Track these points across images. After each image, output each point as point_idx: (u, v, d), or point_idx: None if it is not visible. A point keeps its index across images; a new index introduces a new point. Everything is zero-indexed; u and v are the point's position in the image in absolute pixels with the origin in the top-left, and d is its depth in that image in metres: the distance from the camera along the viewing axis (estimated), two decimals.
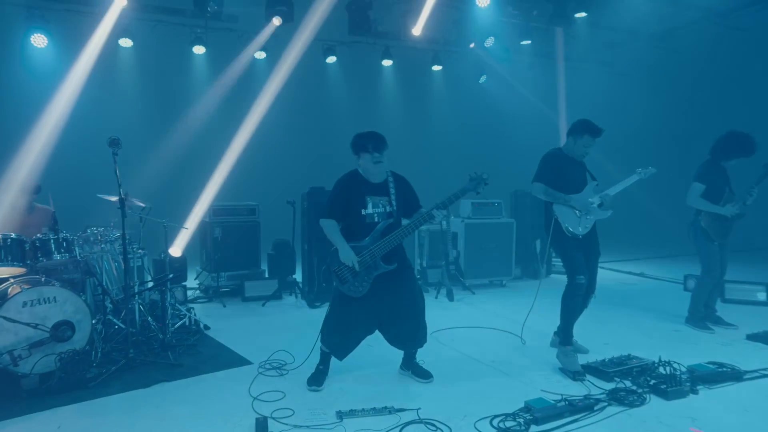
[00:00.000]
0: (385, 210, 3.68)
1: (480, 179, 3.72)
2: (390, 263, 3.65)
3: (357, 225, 3.65)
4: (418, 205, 3.83)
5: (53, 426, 3.17)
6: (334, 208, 3.68)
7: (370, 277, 3.63)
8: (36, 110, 7.74)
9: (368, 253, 3.59)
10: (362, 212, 3.64)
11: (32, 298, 3.82)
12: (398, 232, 3.62)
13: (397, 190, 3.76)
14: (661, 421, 3.21)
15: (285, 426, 3.12)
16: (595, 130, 4.26)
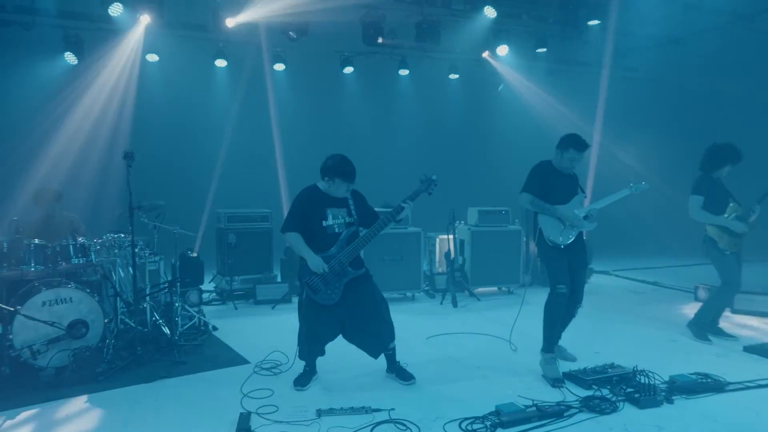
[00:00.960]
0: (344, 221, 3.92)
1: (430, 181, 3.93)
2: (358, 269, 3.87)
3: (319, 236, 3.87)
4: (375, 215, 4.05)
5: (63, 414, 3.49)
6: (293, 221, 3.89)
7: (341, 284, 3.85)
8: (67, 123, 8.29)
9: (336, 261, 3.81)
10: (323, 223, 3.87)
11: (50, 299, 4.20)
12: (363, 237, 3.85)
13: (355, 202, 4.01)
14: (626, 428, 3.30)
15: (266, 421, 3.36)
16: (581, 145, 4.36)
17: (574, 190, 4.53)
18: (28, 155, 8.16)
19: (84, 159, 8.14)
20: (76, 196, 6.02)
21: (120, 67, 8.57)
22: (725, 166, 5.12)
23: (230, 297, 6.93)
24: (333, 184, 3.91)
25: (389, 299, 6.73)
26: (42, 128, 8.52)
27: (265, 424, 3.32)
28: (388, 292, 6.98)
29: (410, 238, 7.09)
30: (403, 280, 7.09)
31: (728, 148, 5.09)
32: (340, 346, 4.14)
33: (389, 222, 3.88)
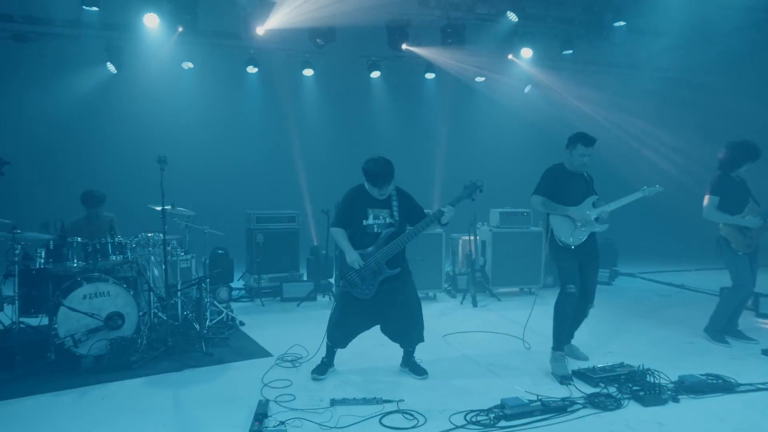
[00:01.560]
0: (385, 221, 4.09)
1: (474, 186, 4.05)
2: (393, 268, 4.05)
3: (359, 234, 4.08)
4: (422, 214, 4.19)
5: (104, 403, 3.81)
6: (340, 218, 4.16)
7: (376, 281, 4.05)
8: (108, 128, 8.79)
9: (373, 259, 4.01)
10: (363, 222, 4.07)
11: (90, 292, 4.56)
12: (401, 238, 4.02)
13: (400, 203, 4.16)
14: (627, 424, 3.39)
15: (283, 408, 3.59)
16: (587, 139, 4.45)
17: (587, 192, 4.60)
18: (73, 158, 8.70)
19: (123, 162, 8.60)
20: (116, 196, 6.42)
21: (157, 74, 9.02)
22: (744, 164, 5.09)
23: (258, 294, 7.21)
24: (367, 185, 4.12)
25: None
26: (85, 133, 9.06)
27: (282, 411, 3.56)
28: None
29: (433, 239, 7.23)
30: (425, 279, 7.22)
31: (746, 145, 5.06)
32: (357, 341, 4.35)
33: (428, 225, 4.04)
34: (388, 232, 4.04)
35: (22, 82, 8.84)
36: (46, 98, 8.64)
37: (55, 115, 8.55)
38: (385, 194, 4.11)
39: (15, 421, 3.46)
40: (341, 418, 3.44)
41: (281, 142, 9.94)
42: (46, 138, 8.56)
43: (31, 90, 8.89)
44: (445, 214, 4.00)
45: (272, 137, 10.02)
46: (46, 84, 8.75)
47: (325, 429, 3.30)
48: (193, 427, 3.40)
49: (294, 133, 10.01)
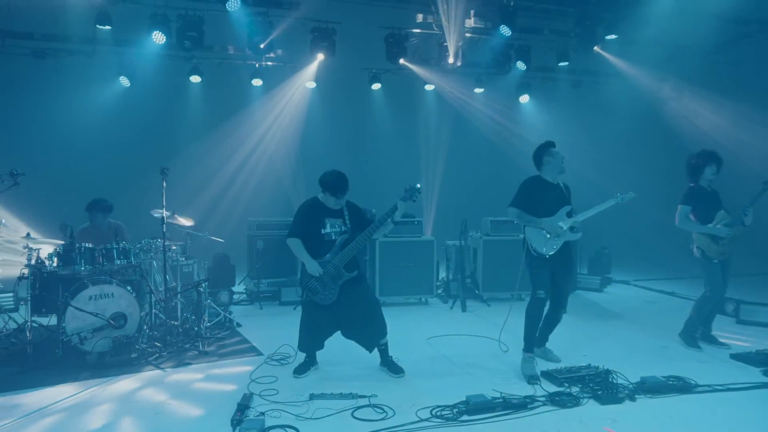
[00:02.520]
0: (340, 229, 4.43)
1: (413, 189, 4.37)
2: (351, 271, 4.37)
3: (317, 242, 4.40)
4: (370, 221, 4.52)
5: (106, 394, 4.16)
6: (296, 228, 4.46)
7: (336, 286, 4.36)
8: (118, 139, 9.25)
9: (331, 265, 4.33)
10: (321, 231, 4.40)
11: (96, 294, 4.94)
12: (356, 242, 4.35)
13: (350, 213, 4.51)
14: (581, 420, 3.65)
15: (265, 401, 3.91)
16: (551, 144, 4.76)
17: (563, 202, 4.85)
18: (87, 167, 9.15)
19: (133, 170, 9.01)
20: (126, 204, 6.84)
21: (166, 87, 9.48)
22: (705, 169, 5.33)
23: (257, 298, 7.56)
24: (325, 196, 4.45)
25: (404, 304, 7.35)
26: (98, 143, 9.52)
27: (264, 403, 3.87)
28: (403, 296, 7.51)
29: (424, 246, 7.53)
30: (417, 285, 7.52)
31: (701, 153, 5.37)
32: (342, 342, 4.65)
33: (382, 224, 4.34)
34: (342, 238, 4.36)
35: (39, 96, 9.35)
36: (62, 111, 9.11)
37: (70, 126, 9.02)
38: (341, 204, 4.43)
39: (23, 411, 3.82)
40: (317, 410, 3.75)
41: (283, 151, 10.34)
42: (61, 148, 9.02)
43: (49, 103, 9.40)
44: (397, 212, 4.29)
45: (275, 147, 10.43)
46: (63, 97, 9.23)
47: (300, 419, 3.61)
48: (182, 416, 3.73)
49: (296, 143, 10.40)
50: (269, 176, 10.17)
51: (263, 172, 10.22)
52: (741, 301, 6.60)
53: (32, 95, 9.18)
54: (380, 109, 11.35)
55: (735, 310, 6.59)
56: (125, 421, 3.64)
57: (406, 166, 11.02)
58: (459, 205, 9.25)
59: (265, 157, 10.43)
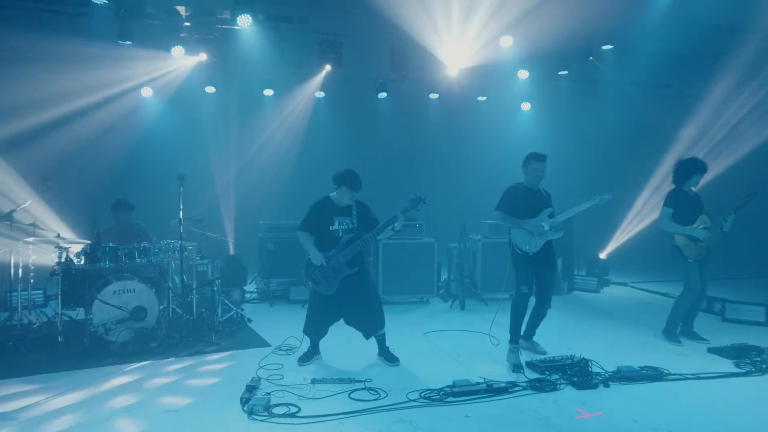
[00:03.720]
0: (348, 227, 4.83)
1: (419, 199, 4.75)
2: (352, 267, 4.77)
3: (326, 238, 4.82)
4: (376, 222, 4.89)
5: (128, 377, 4.62)
6: (307, 223, 4.88)
7: (337, 279, 4.78)
8: (140, 145, 9.79)
9: (335, 260, 4.75)
10: (330, 228, 4.81)
11: (119, 289, 5.41)
12: (358, 242, 4.75)
13: (359, 212, 4.90)
14: (555, 402, 4.02)
15: (271, 384, 4.34)
16: (539, 156, 5.13)
17: (544, 205, 5.24)
18: (113, 173, 9.68)
19: (155, 176, 9.51)
20: (147, 207, 7.36)
21: (183, 97, 10.03)
22: (692, 177, 5.67)
23: (268, 297, 8.01)
24: (340, 191, 4.83)
25: (406, 303, 7.76)
26: (123, 150, 10.06)
27: (270, 386, 4.30)
28: (405, 295, 7.91)
29: (425, 247, 7.93)
30: (419, 285, 7.92)
31: (691, 161, 5.70)
32: (344, 335, 5.07)
33: (382, 231, 4.74)
34: (347, 237, 4.76)
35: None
36: (89, 120, 9.65)
37: (96, 135, 9.56)
38: (352, 201, 4.83)
39: (57, 390, 4.29)
40: (317, 392, 4.18)
41: (293, 158, 10.84)
42: (90, 155, 9.57)
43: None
44: (398, 221, 4.68)
45: (285, 153, 10.93)
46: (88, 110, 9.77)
47: (302, 399, 4.03)
48: (198, 395, 4.17)
49: (305, 150, 10.89)
50: (279, 181, 10.64)
51: (274, 178, 10.69)
52: (727, 300, 6.90)
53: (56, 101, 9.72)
54: (386, 117, 11.78)
55: (721, 308, 6.89)
56: (145, 400, 4.08)
57: (410, 172, 11.42)
58: (460, 209, 9.61)
59: (275, 164, 10.91)
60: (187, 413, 3.83)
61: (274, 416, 3.71)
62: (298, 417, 3.72)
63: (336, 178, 4.84)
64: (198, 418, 3.74)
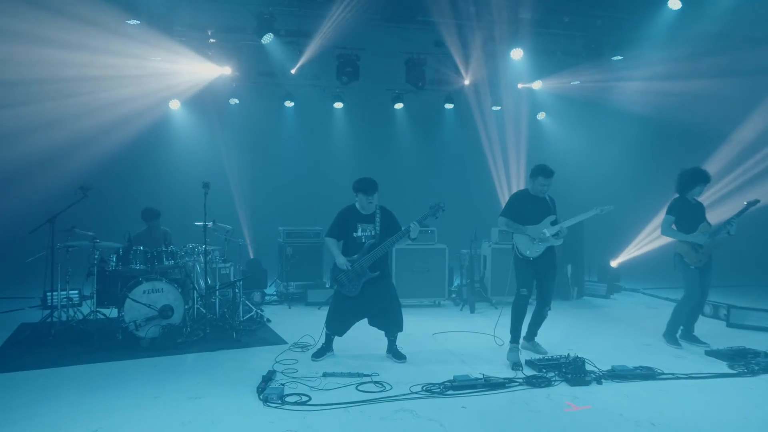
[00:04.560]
0: (371, 233, 5.19)
1: (438, 207, 5.08)
2: (374, 271, 5.13)
3: (351, 244, 5.21)
4: (398, 229, 5.24)
5: (156, 368, 5.05)
6: (333, 230, 5.30)
7: (360, 282, 5.14)
8: (168, 156, 10.35)
9: (358, 264, 5.11)
10: (353, 234, 5.19)
11: (149, 289, 5.87)
12: (379, 248, 5.10)
13: (383, 220, 5.25)
14: (549, 396, 4.30)
15: (286, 377, 4.71)
16: (547, 172, 5.40)
17: (547, 212, 5.52)
18: (143, 182, 10.25)
19: (180, 184, 10.05)
20: (173, 213, 7.86)
21: (209, 109, 10.59)
22: (695, 187, 5.86)
23: (286, 299, 8.40)
24: (357, 197, 5.22)
25: (419, 305, 8.10)
26: (151, 160, 10.64)
27: (285, 378, 4.67)
28: (418, 298, 8.23)
29: (436, 253, 8.26)
30: (431, 288, 8.24)
31: (695, 171, 5.87)
32: (356, 335, 5.42)
33: (400, 239, 5.10)
34: (369, 243, 5.12)
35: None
36: (120, 132, 10.25)
37: (128, 146, 10.15)
38: (372, 207, 5.19)
39: (93, 380, 4.74)
40: (327, 384, 4.54)
41: (312, 166, 11.31)
42: (121, 165, 10.16)
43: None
44: (411, 230, 5.02)
45: (305, 162, 11.40)
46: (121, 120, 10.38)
47: (313, 390, 4.39)
48: (219, 384, 4.58)
49: (324, 158, 11.34)
50: (298, 189, 11.11)
51: (293, 185, 11.17)
52: (731, 305, 7.04)
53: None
54: (403, 127, 12.16)
55: (726, 314, 7.03)
56: (171, 388, 4.48)
57: (426, 179, 11.77)
58: (473, 216, 9.89)
59: (294, 172, 11.40)
60: (208, 400, 4.23)
61: (287, 404, 4.08)
62: (308, 405, 4.08)
63: (353, 187, 5.23)
64: (218, 405, 4.13)
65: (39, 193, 8.44)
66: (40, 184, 8.82)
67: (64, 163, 9.15)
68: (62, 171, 8.95)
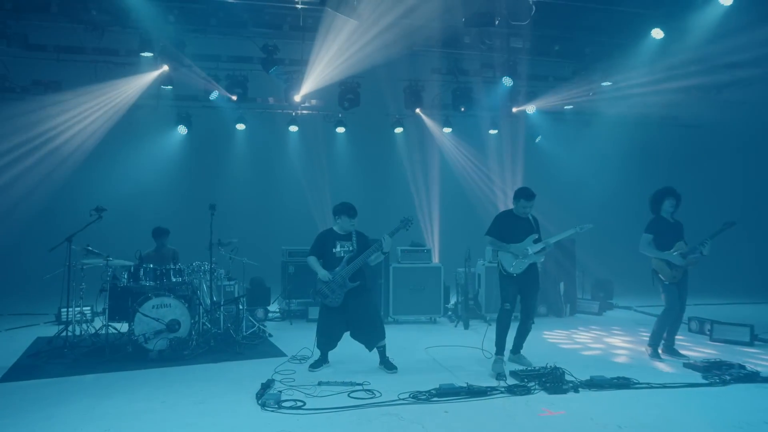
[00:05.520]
0: (349, 249, 5.62)
1: (407, 220, 5.53)
2: (354, 281, 5.53)
3: (330, 259, 5.65)
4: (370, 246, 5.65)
5: (163, 378, 5.41)
6: (314, 249, 5.77)
7: (342, 292, 5.53)
8: (178, 179, 10.83)
9: (339, 275, 5.51)
10: (333, 251, 5.62)
11: (157, 304, 6.26)
12: (357, 260, 5.54)
13: (358, 238, 5.71)
14: (526, 403, 4.60)
15: (284, 385, 5.04)
16: (529, 195, 5.77)
17: (530, 231, 5.88)
18: (152, 202, 10.74)
19: (188, 204, 10.55)
20: (181, 233, 8.28)
21: (216, 134, 11.11)
22: (664, 202, 6.22)
23: (288, 315, 8.75)
24: (341, 219, 5.66)
25: (416, 322, 8.39)
26: (161, 182, 11.15)
27: (282, 387, 5.01)
28: (414, 315, 8.54)
29: (432, 271, 8.61)
30: (427, 306, 8.57)
31: (662, 188, 6.29)
32: (351, 349, 5.76)
33: (374, 252, 5.51)
34: (348, 256, 5.54)
35: (115, 144, 11.11)
36: (132, 155, 10.80)
37: (138, 169, 10.68)
38: (351, 229, 5.60)
39: (105, 388, 5.10)
40: (321, 391, 4.87)
41: (314, 188, 11.77)
42: (133, 187, 10.68)
43: (123, 149, 11.15)
44: (384, 243, 5.42)
45: (306, 184, 11.88)
46: (133, 144, 10.95)
47: (308, 396, 4.72)
48: (222, 392, 4.92)
49: (326, 180, 11.81)
50: (301, 209, 11.55)
51: (296, 206, 11.62)
52: (715, 321, 7.30)
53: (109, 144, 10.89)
54: (402, 150, 12.63)
55: (710, 329, 7.29)
56: (177, 395, 4.83)
57: (425, 200, 12.18)
58: (469, 235, 10.25)
59: (298, 193, 11.86)
60: (210, 404, 4.58)
61: (283, 408, 4.41)
62: (303, 409, 4.42)
63: (334, 210, 5.70)
64: (219, 409, 4.48)
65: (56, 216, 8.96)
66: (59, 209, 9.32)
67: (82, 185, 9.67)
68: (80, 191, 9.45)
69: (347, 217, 5.61)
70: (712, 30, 8.34)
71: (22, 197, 9.91)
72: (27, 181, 9.86)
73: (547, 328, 8.18)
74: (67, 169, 9.94)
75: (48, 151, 9.84)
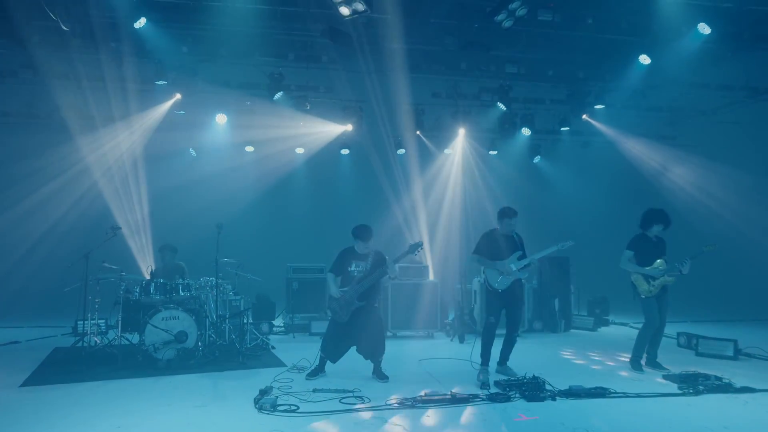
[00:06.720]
0: (363, 269, 6.00)
1: (416, 246, 5.87)
2: (361, 301, 5.90)
3: (346, 277, 6.07)
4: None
5: (170, 384, 5.82)
6: (334, 267, 6.18)
7: (349, 310, 5.92)
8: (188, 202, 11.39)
9: (348, 294, 5.90)
10: (349, 269, 6.01)
11: (166, 316, 6.69)
12: (365, 281, 5.89)
13: (374, 259, 6.07)
14: (504, 410, 4.94)
15: (281, 392, 5.42)
16: (510, 213, 6.15)
17: (515, 248, 6.25)
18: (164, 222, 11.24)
19: (198, 224, 10.99)
20: (190, 251, 8.74)
21: (225, 156, 11.68)
22: (653, 226, 6.51)
23: (292, 329, 9.13)
24: (356, 242, 6.08)
25: (413, 336, 8.72)
26: (172, 203, 11.66)
27: (279, 393, 5.38)
28: (412, 330, 8.88)
29: (429, 287, 8.97)
30: (424, 320, 8.91)
31: (657, 212, 6.53)
32: (347, 361, 6.14)
33: (381, 276, 5.93)
34: (360, 276, 5.92)
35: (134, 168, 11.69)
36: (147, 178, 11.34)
37: (153, 190, 11.23)
38: (367, 249, 6.00)
39: (116, 392, 5.52)
40: (315, 397, 5.25)
41: (319, 207, 12.25)
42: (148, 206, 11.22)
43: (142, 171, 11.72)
44: (389, 269, 5.81)
45: (312, 204, 12.36)
46: (148, 168, 11.48)
47: (302, 401, 5.10)
48: (223, 397, 5.32)
49: (330, 200, 12.28)
50: (305, 228, 12.01)
51: (300, 224, 12.09)
52: (700, 336, 7.55)
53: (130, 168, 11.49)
54: (405, 171, 13.05)
55: (695, 344, 7.54)
56: (181, 400, 5.23)
57: (428, 220, 12.58)
58: (465, 252, 10.61)
59: (303, 212, 12.34)
60: (210, 408, 4.98)
61: (278, 411, 4.79)
62: (296, 413, 4.79)
63: (353, 232, 6.13)
64: (219, 411, 4.88)
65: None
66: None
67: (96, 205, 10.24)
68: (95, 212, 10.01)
69: (361, 241, 6.06)
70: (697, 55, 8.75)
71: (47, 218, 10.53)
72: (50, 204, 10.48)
73: (540, 342, 8.46)
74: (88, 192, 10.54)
75: (72, 175, 10.46)
